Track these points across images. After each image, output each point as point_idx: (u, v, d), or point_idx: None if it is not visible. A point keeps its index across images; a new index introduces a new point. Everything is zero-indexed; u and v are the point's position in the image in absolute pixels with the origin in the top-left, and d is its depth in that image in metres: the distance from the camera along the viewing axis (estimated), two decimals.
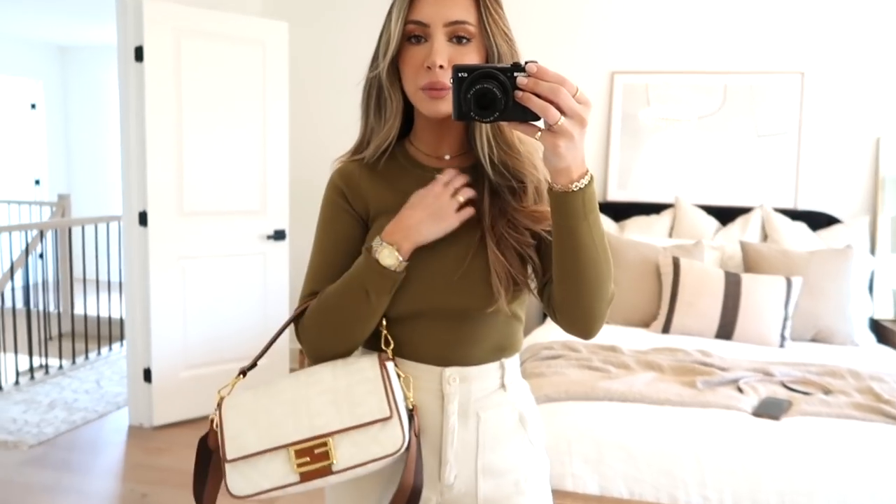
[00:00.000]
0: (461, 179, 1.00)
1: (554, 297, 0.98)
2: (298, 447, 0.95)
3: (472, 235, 1.02)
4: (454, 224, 0.99)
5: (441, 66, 0.95)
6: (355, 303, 0.99)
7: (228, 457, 0.98)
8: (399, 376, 1.00)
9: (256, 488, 0.97)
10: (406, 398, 0.98)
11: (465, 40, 0.97)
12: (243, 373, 1.09)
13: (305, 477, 0.95)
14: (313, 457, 0.95)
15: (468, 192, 1.00)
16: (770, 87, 3.48)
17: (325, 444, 0.95)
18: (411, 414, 0.98)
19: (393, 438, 0.94)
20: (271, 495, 0.98)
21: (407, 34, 0.98)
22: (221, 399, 1.04)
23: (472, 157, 1.04)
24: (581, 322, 0.98)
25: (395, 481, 0.98)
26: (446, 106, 0.94)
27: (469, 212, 1.00)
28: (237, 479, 0.98)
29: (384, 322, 1.03)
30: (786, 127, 3.46)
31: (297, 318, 1.06)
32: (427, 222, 0.98)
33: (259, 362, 1.12)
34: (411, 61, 0.98)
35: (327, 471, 0.95)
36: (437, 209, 0.98)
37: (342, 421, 0.95)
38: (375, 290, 0.98)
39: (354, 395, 0.96)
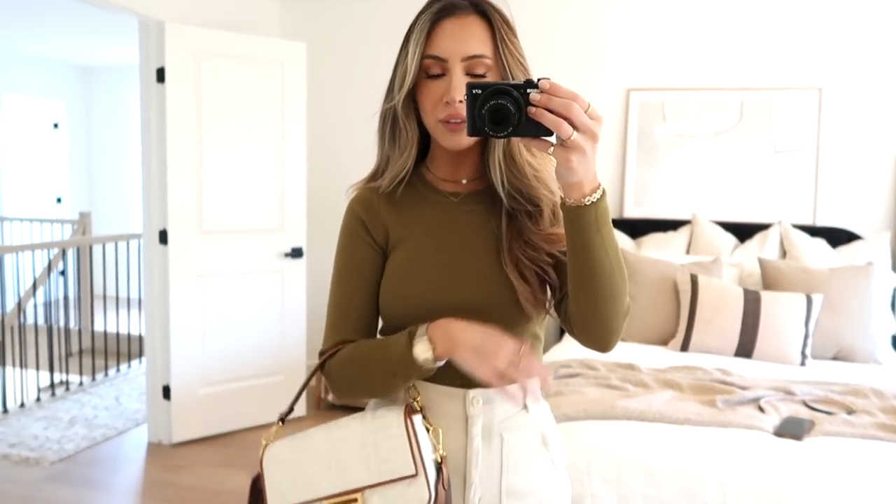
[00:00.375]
0: (535, 366, 0.91)
1: (570, 311, 0.99)
2: (332, 501, 0.97)
3: (490, 256, 1.03)
4: (486, 375, 0.91)
5: (461, 102, 0.96)
6: (381, 378, 1.00)
7: None
8: (427, 429, 0.99)
9: None
10: (435, 450, 0.98)
11: (482, 75, 0.99)
12: (282, 419, 1.09)
13: None
14: None
15: (527, 369, 0.90)
16: (787, 103, 3.47)
17: (355, 500, 0.96)
18: (440, 467, 0.97)
19: (419, 496, 0.94)
20: None
21: (425, 68, 0.99)
22: (265, 446, 1.06)
23: (488, 181, 1.05)
24: (598, 335, 0.99)
25: None
26: (465, 138, 0.96)
27: (510, 382, 0.91)
28: None
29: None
30: (804, 143, 3.44)
31: (323, 362, 1.07)
32: (472, 351, 0.92)
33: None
34: (430, 95, 0.99)
35: None
36: (489, 351, 0.90)
37: (371, 477, 0.96)
38: (403, 375, 0.98)
39: (381, 452, 0.96)
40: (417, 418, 0.99)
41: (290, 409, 1.11)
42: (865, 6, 3.36)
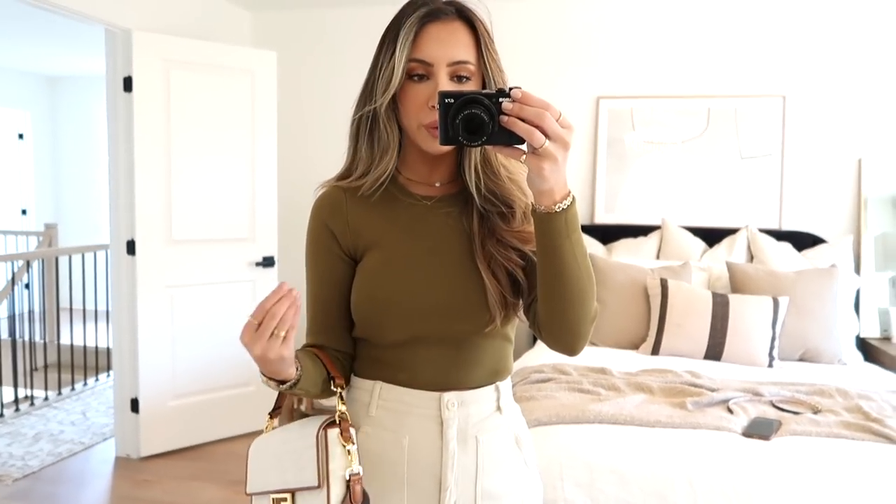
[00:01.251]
0: (270, 320, 0.87)
1: (539, 315, 1.00)
2: (274, 496, 1.01)
3: (463, 257, 1.04)
4: (284, 354, 0.89)
5: None
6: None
7: (247, 490, 1.06)
8: (344, 445, 0.98)
9: None
10: (346, 467, 0.97)
11: (465, 79, 1.00)
12: (270, 415, 1.11)
13: None
14: None
15: (284, 326, 0.88)
16: (753, 109, 3.54)
17: (286, 499, 1.00)
18: (349, 483, 0.96)
19: None
20: None
21: (409, 71, 0.99)
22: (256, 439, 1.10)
23: (462, 184, 1.06)
24: (565, 339, 1.00)
25: None
26: None
27: (288, 342, 0.90)
28: None
29: (335, 384, 1.03)
30: (769, 149, 3.52)
31: None
32: (270, 369, 0.93)
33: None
34: (414, 99, 1.00)
35: None
36: (267, 359, 0.89)
37: (296, 481, 0.99)
38: (300, 392, 1.01)
39: (302, 460, 0.99)
40: (333, 432, 0.99)
41: (278, 405, 1.11)
42: (827, 17, 3.45)
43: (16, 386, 4.12)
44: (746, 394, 2.36)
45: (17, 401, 4.07)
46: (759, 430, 2.05)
